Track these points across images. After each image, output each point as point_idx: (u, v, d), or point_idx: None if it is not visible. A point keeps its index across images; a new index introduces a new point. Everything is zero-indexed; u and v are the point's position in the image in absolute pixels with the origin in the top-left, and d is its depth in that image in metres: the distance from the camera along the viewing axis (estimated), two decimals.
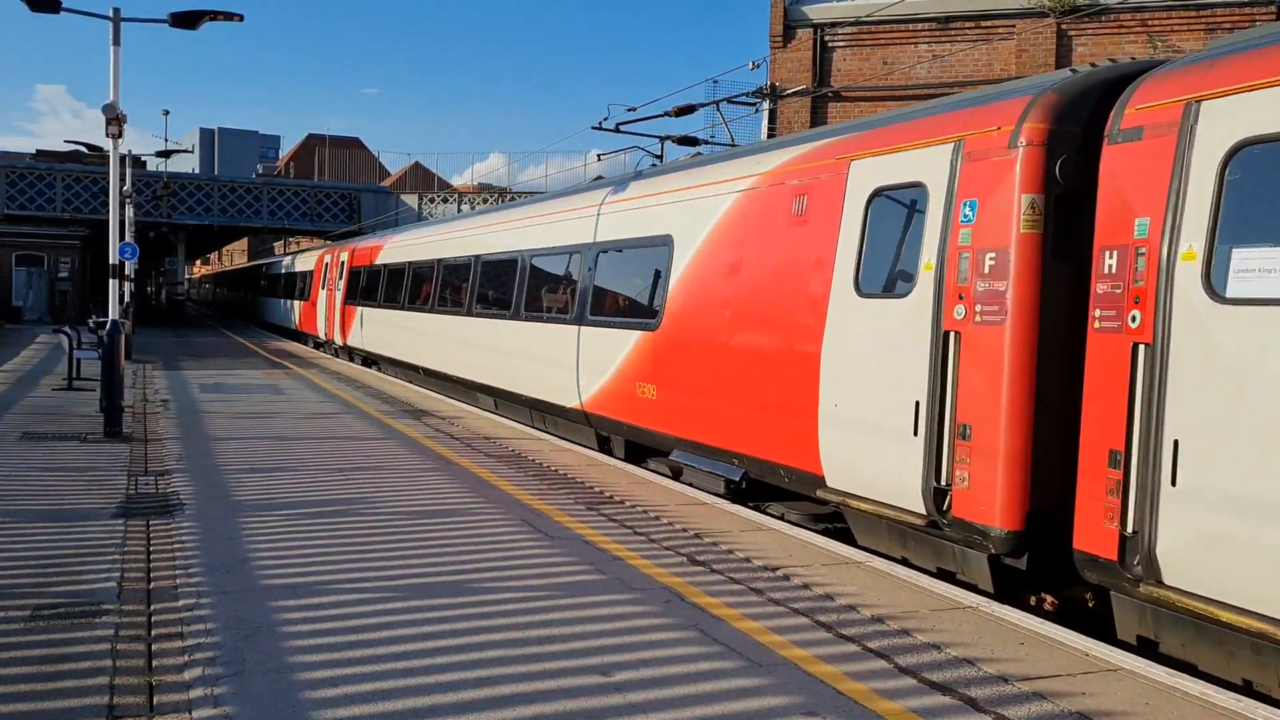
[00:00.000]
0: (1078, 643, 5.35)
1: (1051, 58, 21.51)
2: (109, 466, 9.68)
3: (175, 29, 16.92)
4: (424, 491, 8.94)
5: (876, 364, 7.33)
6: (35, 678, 4.45)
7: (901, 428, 7.03)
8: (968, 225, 6.67)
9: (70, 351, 17.10)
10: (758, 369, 8.74)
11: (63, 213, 44.04)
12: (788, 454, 8.34)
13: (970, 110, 7.00)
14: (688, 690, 4.53)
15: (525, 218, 15.20)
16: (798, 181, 8.59)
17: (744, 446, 8.94)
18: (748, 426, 8.83)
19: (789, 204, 8.66)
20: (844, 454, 7.69)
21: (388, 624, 5.29)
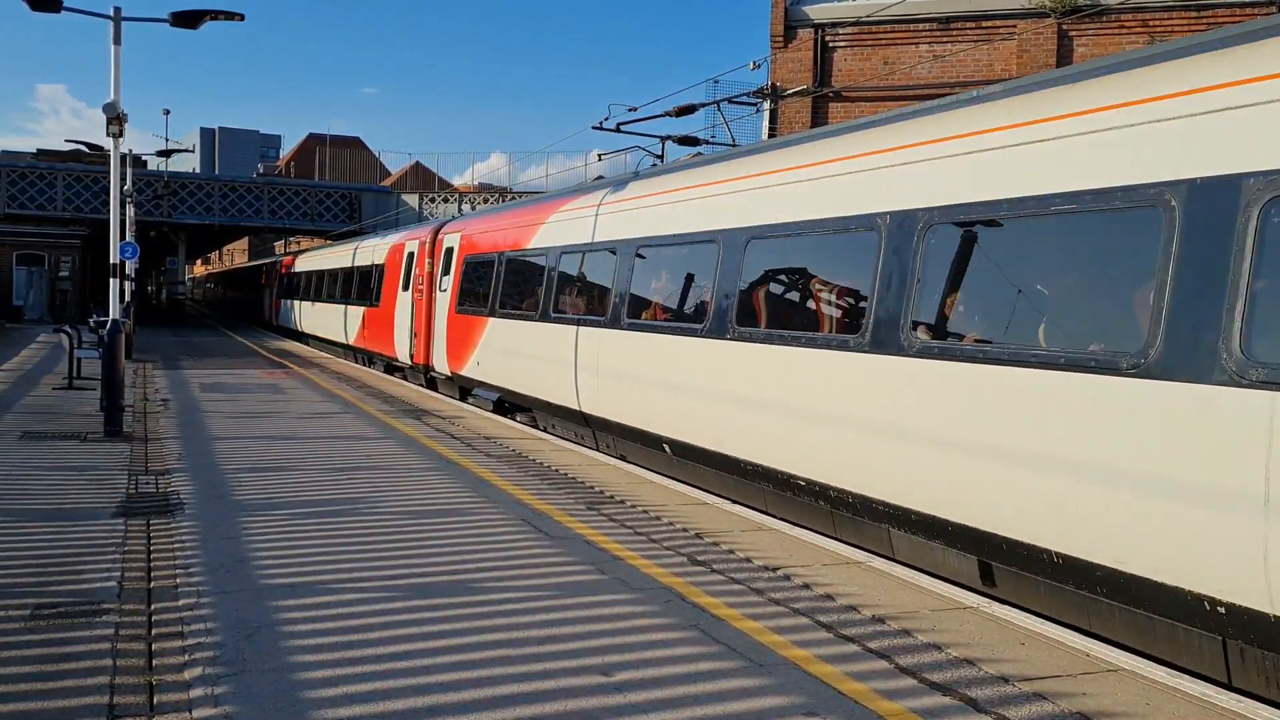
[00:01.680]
0: (1078, 643, 5.35)
1: (1052, 58, 21.51)
2: (109, 466, 9.68)
3: (176, 28, 16.97)
4: (424, 491, 8.94)
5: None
6: (35, 677, 4.45)
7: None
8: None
9: (71, 351, 17.11)
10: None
11: (63, 212, 44.06)
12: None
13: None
14: (688, 690, 4.53)
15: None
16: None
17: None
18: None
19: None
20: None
21: (388, 623, 5.29)
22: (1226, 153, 5.11)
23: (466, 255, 17.22)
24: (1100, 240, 5.85)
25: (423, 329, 19.13)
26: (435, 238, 19.30)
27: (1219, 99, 5.23)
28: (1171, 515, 5.06)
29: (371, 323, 23.96)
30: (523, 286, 14.68)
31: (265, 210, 48.81)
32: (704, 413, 9.54)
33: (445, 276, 18.16)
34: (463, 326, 16.87)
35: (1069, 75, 6.54)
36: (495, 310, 15.35)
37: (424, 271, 19.45)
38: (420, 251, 20.03)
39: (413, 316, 19.97)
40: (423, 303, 19.27)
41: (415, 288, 19.98)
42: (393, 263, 22.38)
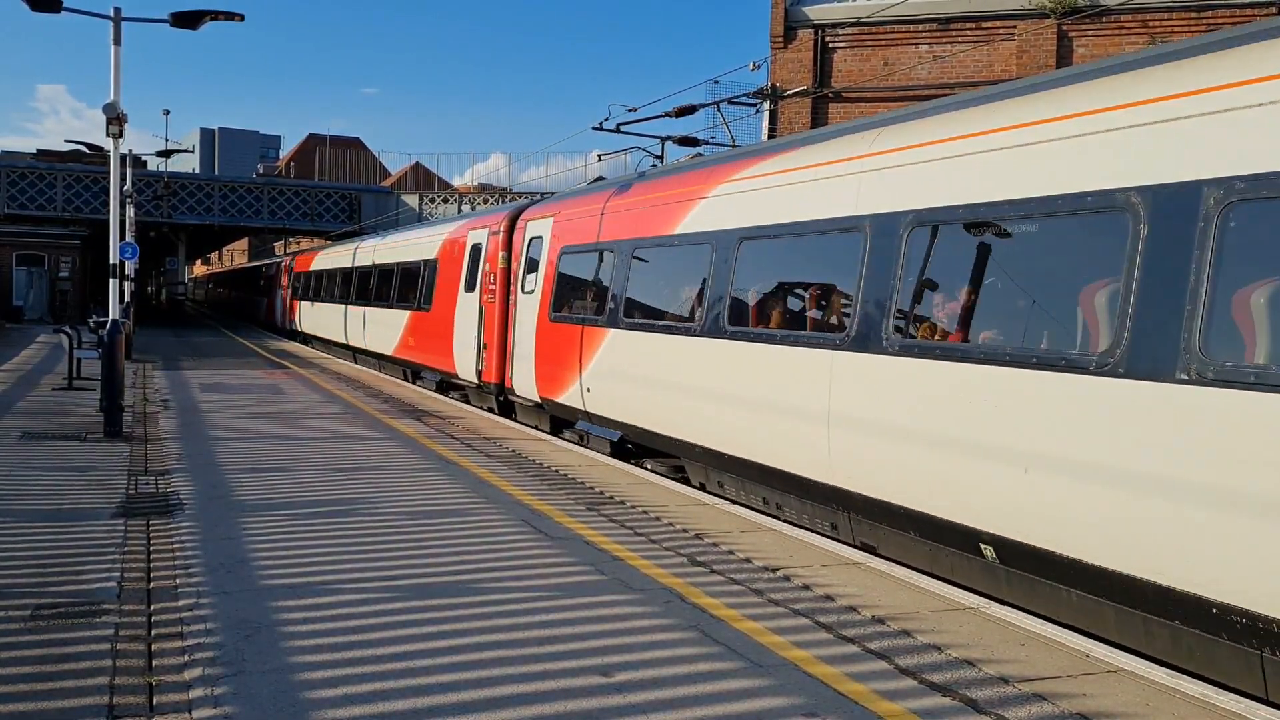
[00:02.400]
0: (1078, 643, 5.35)
1: (1052, 59, 21.51)
2: (109, 466, 9.67)
3: (176, 29, 16.95)
4: (424, 492, 8.94)
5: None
6: (35, 678, 4.44)
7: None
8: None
9: (70, 351, 17.11)
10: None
11: (63, 212, 44.07)
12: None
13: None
14: (688, 691, 4.53)
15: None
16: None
17: None
18: None
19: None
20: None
21: (388, 624, 5.29)
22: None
23: (565, 247, 13.39)
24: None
25: (495, 340, 15.50)
26: (511, 225, 15.64)
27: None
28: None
29: (419, 330, 20.07)
30: (671, 287, 10.85)
31: (265, 211, 48.81)
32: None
33: (531, 274, 14.39)
34: (561, 340, 12.95)
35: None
36: (621, 319, 11.36)
37: (497, 268, 15.71)
38: (491, 244, 16.21)
39: (480, 324, 16.18)
40: (495, 307, 15.62)
41: (485, 288, 16.18)
42: (449, 258, 18.45)
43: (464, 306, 17.21)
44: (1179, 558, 5.12)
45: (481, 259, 16.63)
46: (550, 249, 13.86)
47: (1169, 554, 5.17)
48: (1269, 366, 4.79)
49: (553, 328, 13.38)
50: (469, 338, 16.72)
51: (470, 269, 17.19)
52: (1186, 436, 5.07)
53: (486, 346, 15.92)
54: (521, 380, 14.43)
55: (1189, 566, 5.09)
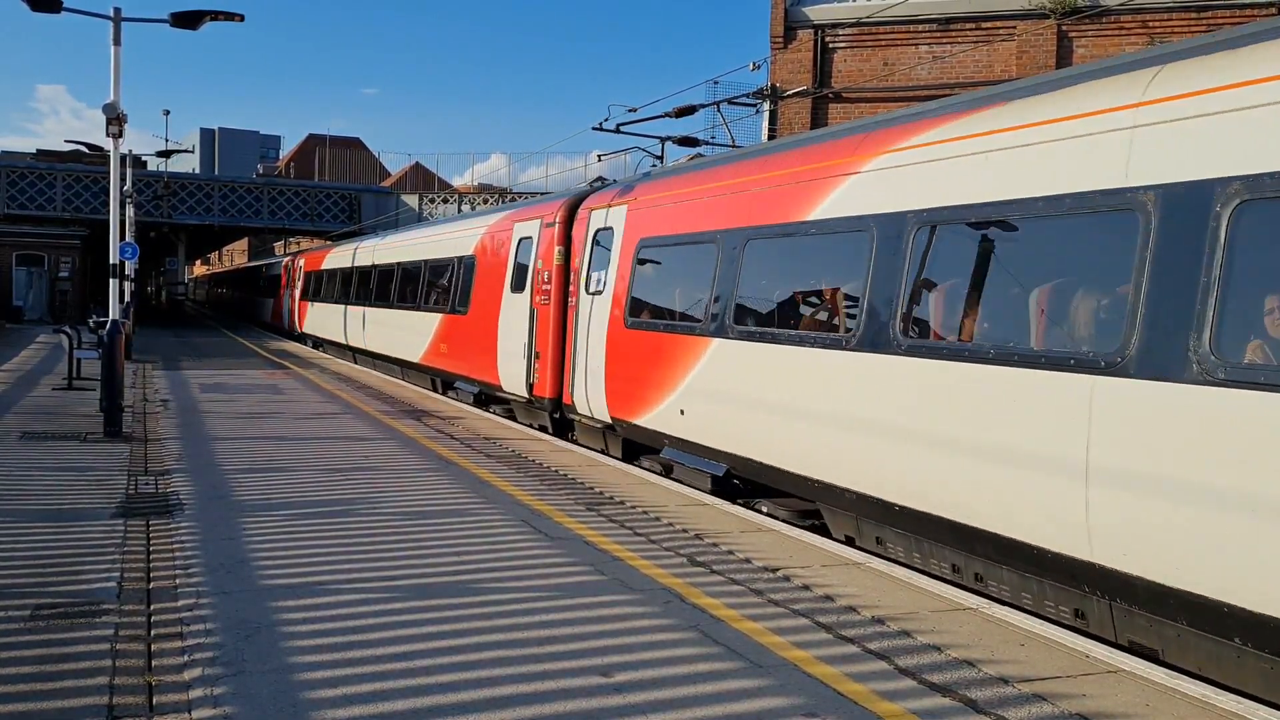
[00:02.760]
0: (1078, 644, 5.35)
1: (1052, 59, 21.52)
2: (109, 466, 9.67)
3: (176, 29, 16.96)
4: (424, 492, 8.94)
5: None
6: (35, 678, 4.44)
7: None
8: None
9: (70, 351, 17.11)
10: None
11: (63, 212, 44.07)
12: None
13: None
14: (688, 691, 4.53)
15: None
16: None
17: None
18: None
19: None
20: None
21: (388, 624, 5.29)
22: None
23: (646, 239, 11.33)
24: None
25: (550, 349, 13.49)
26: (570, 215, 13.65)
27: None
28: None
29: (453, 336, 17.84)
30: (804, 287, 8.90)
31: (265, 211, 48.81)
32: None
33: (598, 272, 12.34)
34: (643, 350, 10.94)
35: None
36: (730, 327, 9.34)
37: (552, 265, 13.68)
38: (544, 238, 14.09)
39: (530, 330, 14.16)
40: (549, 310, 13.61)
41: (536, 288, 14.11)
42: (490, 254, 16.32)
43: (510, 309, 15.05)
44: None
45: (532, 255, 14.42)
46: (624, 242, 11.71)
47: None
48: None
49: (630, 336, 11.20)
50: (516, 345, 14.57)
51: (518, 267, 15.00)
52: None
53: (539, 356, 13.77)
54: (586, 396, 12.25)
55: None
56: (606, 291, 11.97)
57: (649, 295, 11.26)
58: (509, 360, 14.89)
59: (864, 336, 7.53)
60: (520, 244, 15.07)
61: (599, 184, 14.86)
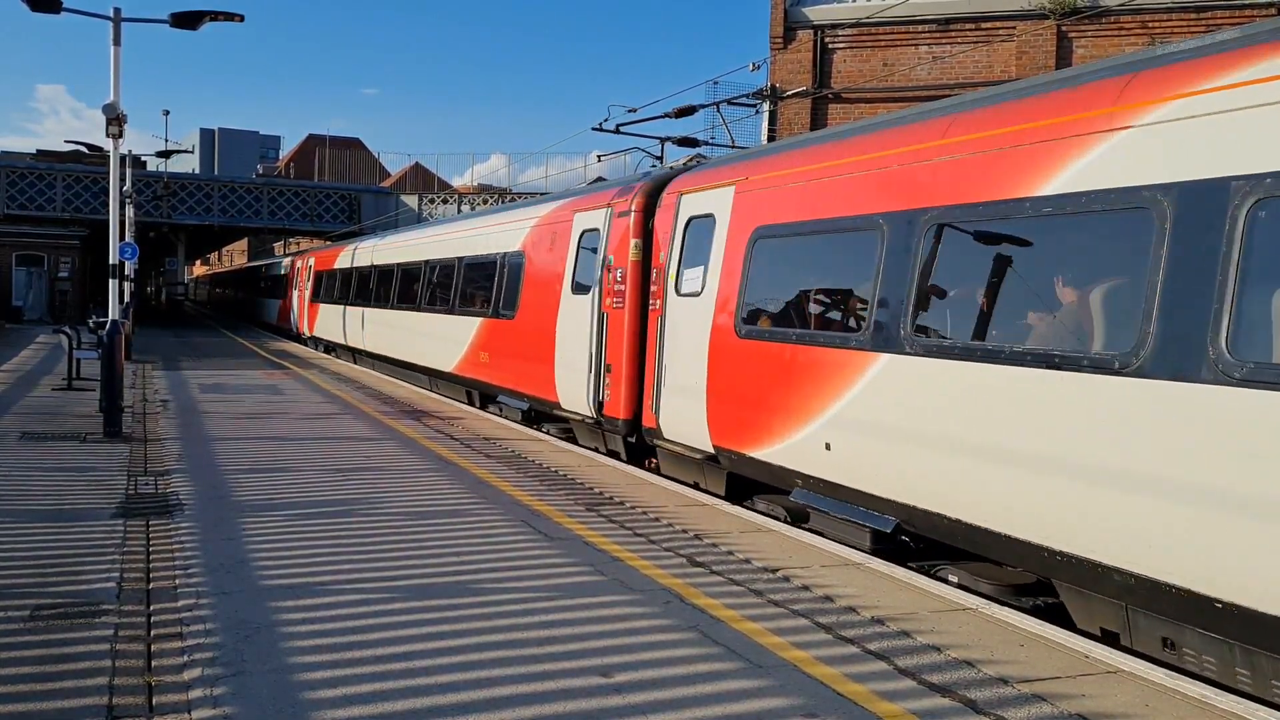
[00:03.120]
0: (1078, 644, 5.35)
1: (1052, 59, 21.53)
2: (108, 466, 9.67)
3: (176, 29, 16.96)
4: (424, 492, 8.94)
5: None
6: (34, 678, 4.44)
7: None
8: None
9: (70, 351, 17.11)
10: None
11: (63, 213, 44.06)
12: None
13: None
14: (688, 691, 4.53)
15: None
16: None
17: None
18: None
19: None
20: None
21: (388, 624, 5.29)
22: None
23: (765, 227, 9.20)
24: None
25: (625, 360, 11.44)
26: (651, 201, 11.49)
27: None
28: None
29: (496, 343, 15.72)
30: (1033, 288, 6.64)
31: (265, 211, 48.81)
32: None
33: (695, 269, 10.26)
34: (762, 366, 8.91)
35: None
36: (909, 339, 7.20)
37: (626, 261, 11.61)
38: (615, 229, 11.94)
39: (598, 338, 12.11)
40: (624, 315, 11.50)
41: (607, 289, 12.00)
42: (543, 249, 14.18)
43: (570, 314, 12.93)
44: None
45: (599, 250, 12.26)
46: (732, 231, 9.65)
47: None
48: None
49: (745, 348, 9.19)
50: (579, 356, 12.45)
51: (580, 263, 12.88)
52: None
53: (610, 370, 11.70)
54: (678, 419, 10.26)
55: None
56: (707, 293, 9.88)
57: (772, 297, 9.15)
58: (569, 374, 12.79)
59: (1160, 358, 5.40)
60: (583, 237, 12.94)
61: (695, 163, 12.75)
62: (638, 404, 11.29)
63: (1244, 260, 5.10)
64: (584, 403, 12.36)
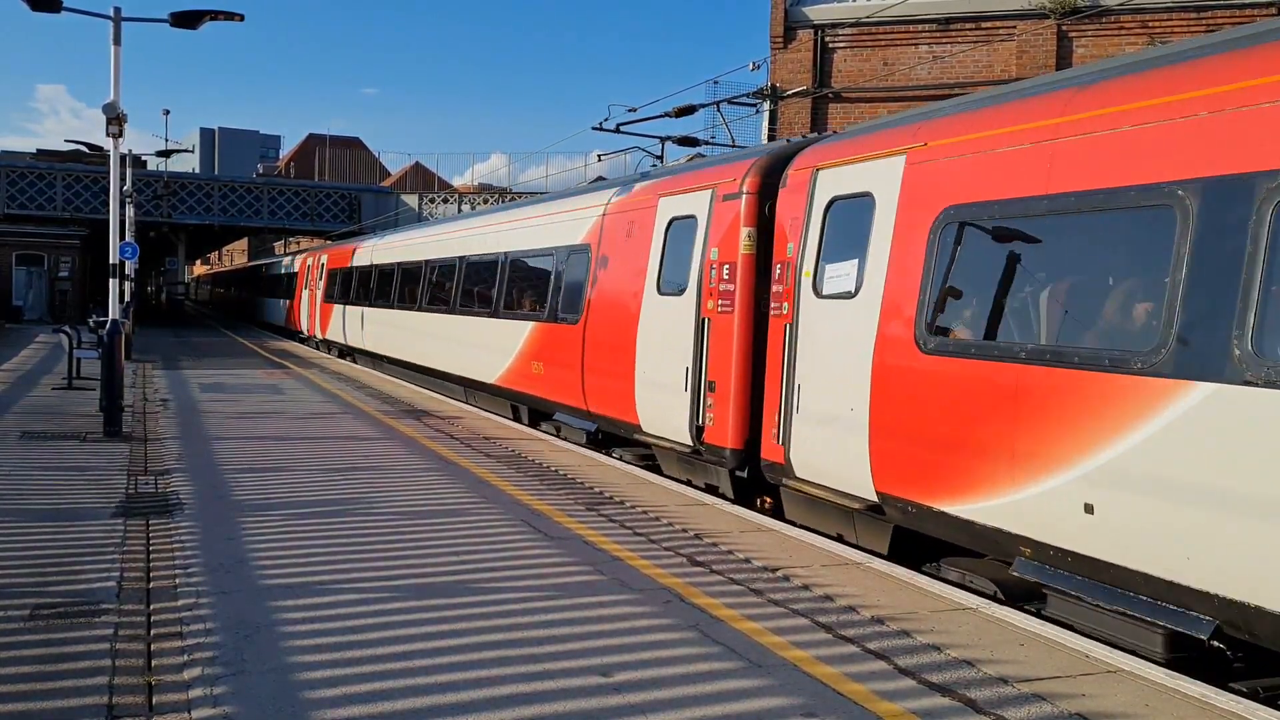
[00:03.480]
0: (1077, 644, 5.35)
1: (1052, 59, 21.52)
2: (108, 466, 9.67)
3: (176, 29, 16.95)
4: (424, 492, 8.94)
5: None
6: (34, 677, 4.44)
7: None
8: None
9: (70, 351, 17.11)
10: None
11: (63, 212, 44.08)
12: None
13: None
14: (687, 691, 4.53)
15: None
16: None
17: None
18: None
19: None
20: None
21: (387, 624, 5.29)
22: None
23: (958, 207, 7.03)
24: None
25: (735, 376, 9.37)
26: (770, 181, 9.29)
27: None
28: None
29: (554, 352, 13.46)
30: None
31: (265, 211, 48.81)
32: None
33: (845, 263, 8.12)
34: (966, 392, 6.75)
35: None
36: (1239, 363, 5.04)
37: (737, 254, 9.49)
38: (721, 215, 9.77)
39: (699, 348, 9.90)
40: (732, 321, 9.44)
41: (710, 289, 9.82)
42: (616, 241, 12.01)
43: (656, 319, 10.80)
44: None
45: (696, 242, 10.13)
46: (904, 213, 7.41)
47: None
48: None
49: (934, 367, 6.92)
50: (671, 370, 10.29)
51: (670, 258, 10.72)
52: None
53: (714, 387, 9.61)
54: (819, 455, 8.11)
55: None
56: (866, 294, 7.68)
57: (981, 300, 6.89)
58: (656, 392, 10.62)
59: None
60: (672, 227, 10.81)
61: (860, 125, 9.26)
62: (752, 431, 9.26)
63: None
64: (677, 427, 10.16)
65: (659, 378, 10.60)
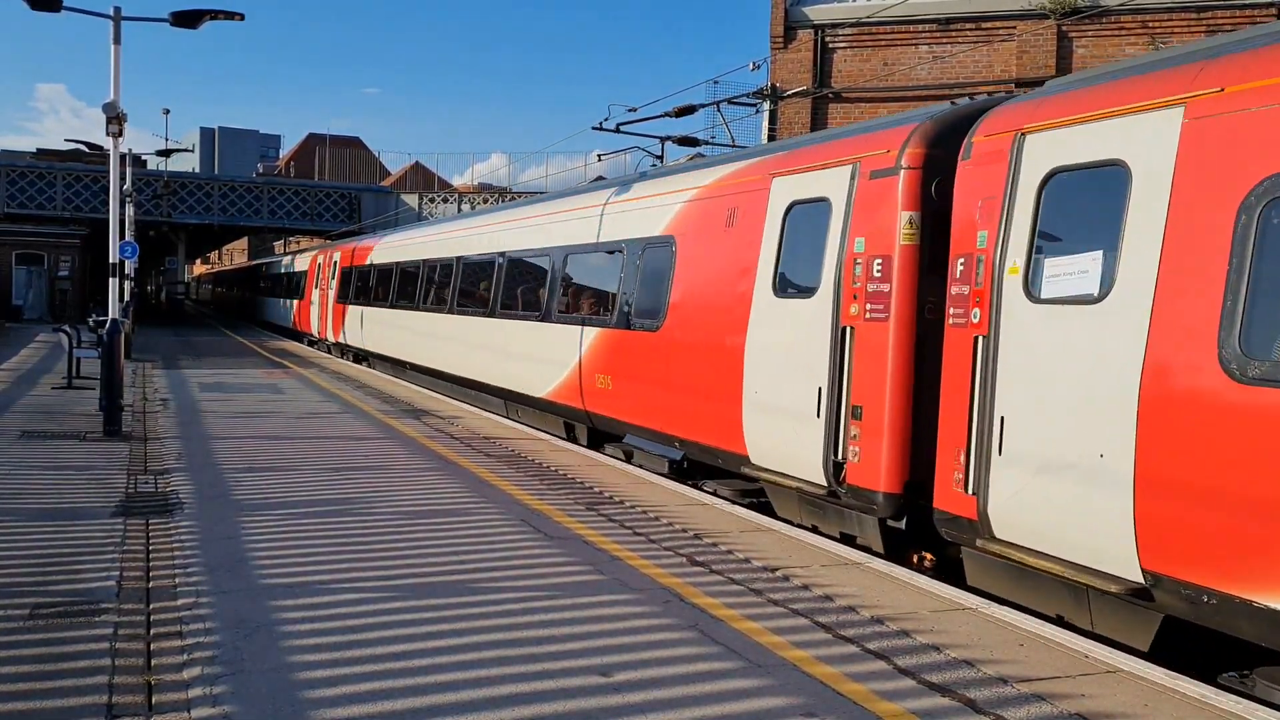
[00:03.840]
0: (1077, 644, 5.35)
1: (1052, 59, 21.52)
2: (108, 465, 9.67)
3: (176, 28, 16.96)
4: (423, 491, 8.94)
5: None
6: (34, 677, 4.44)
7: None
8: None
9: (70, 350, 17.11)
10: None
11: (63, 211, 44.08)
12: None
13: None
14: (687, 691, 4.52)
15: None
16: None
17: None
18: None
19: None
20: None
21: (387, 623, 5.29)
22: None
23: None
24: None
25: (890, 400, 7.58)
26: (942, 151, 7.49)
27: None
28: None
29: (626, 363, 11.51)
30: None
31: (265, 210, 48.81)
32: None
33: (1072, 258, 6.28)
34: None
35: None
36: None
37: (894, 246, 7.68)
38: (868, 197, 7.97)
39: (838, 364, 8.06)
40: (886, 331, 7.67)
41: (852, 289, 8.03)
42: (712, 230, 10.13)
43: (772, 326, 8.95)
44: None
45: (831, 231, 8.26)
46: (1183, 188, 5.49)
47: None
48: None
49: (1260, 404, 4.94)
50: (795, 390, 8.47)
51: (789, 251, 8.92)
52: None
53: (860, 414, 7.80)
54: (1044, 513, 6.11)
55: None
56: (1122, 299, 5.75)
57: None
58: (772, 416, 8.83)
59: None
60: (792, 213, 8.94)
61: (1081, 75, 6.94)
62: (919, 473, 7.43)
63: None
64: (805, 461, 8.35)
65: (778, 400, 8.73)
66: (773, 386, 8.84)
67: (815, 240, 8.50)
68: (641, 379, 11.13)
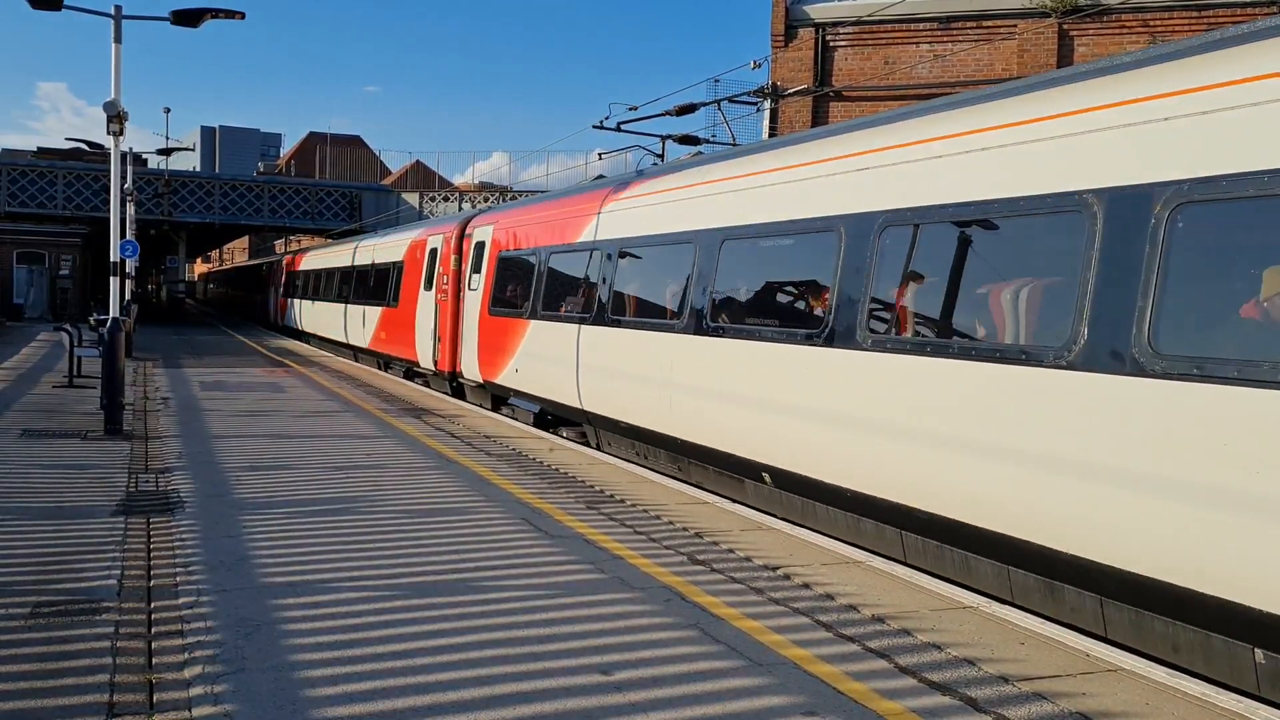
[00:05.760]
0: (1078, 643, 5.35)
1: (1053, 58, 21.49)
2: (109, 464, 9.67)
3: (177, 27, 16.95)
4: (424, 490, 8.94)
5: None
6: (35, 675, 4.44)
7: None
8: None
9: (71, 349, 17.12)
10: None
11: (64, 210, 44.09)
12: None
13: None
14: (688, 689, 4.52)
15: None
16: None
17: None
18: None
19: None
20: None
21: (388, 622, 5.29)
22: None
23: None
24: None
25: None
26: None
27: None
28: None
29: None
30: None
31: (265, 209, 48.83)
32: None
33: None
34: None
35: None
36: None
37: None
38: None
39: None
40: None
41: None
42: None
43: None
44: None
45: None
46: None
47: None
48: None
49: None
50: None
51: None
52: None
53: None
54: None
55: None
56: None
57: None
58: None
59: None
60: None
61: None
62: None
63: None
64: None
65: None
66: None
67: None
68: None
